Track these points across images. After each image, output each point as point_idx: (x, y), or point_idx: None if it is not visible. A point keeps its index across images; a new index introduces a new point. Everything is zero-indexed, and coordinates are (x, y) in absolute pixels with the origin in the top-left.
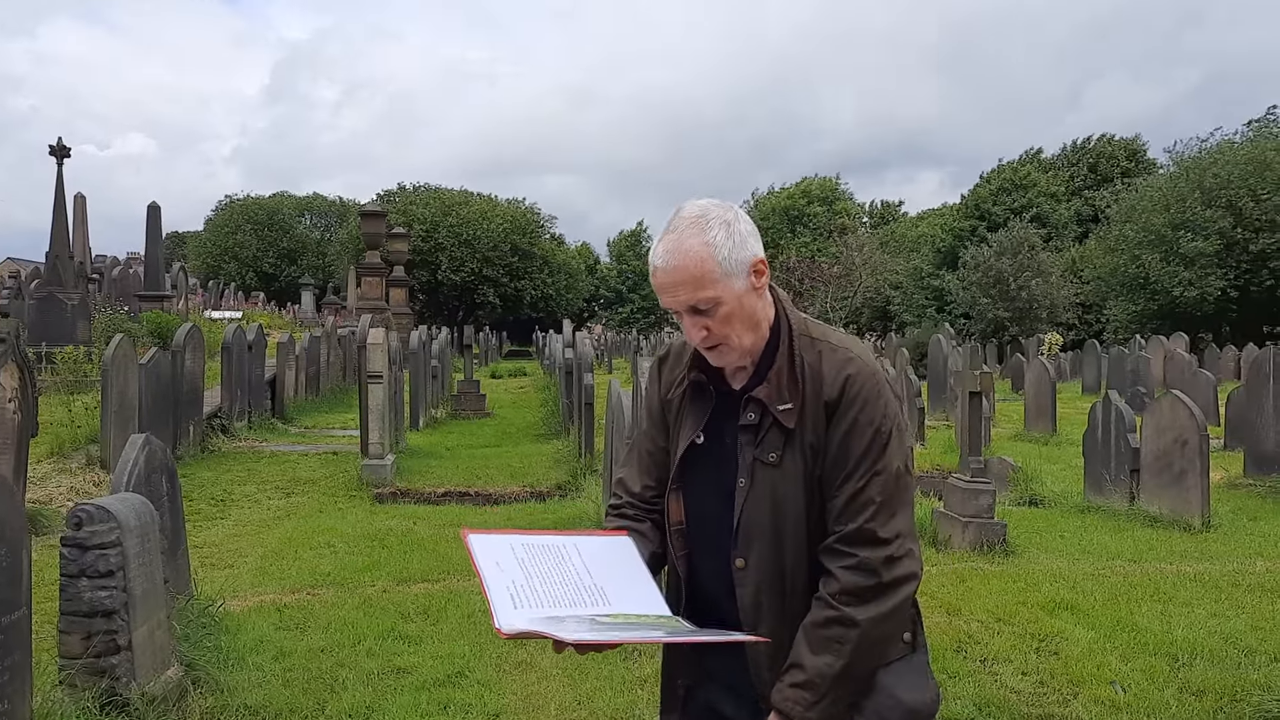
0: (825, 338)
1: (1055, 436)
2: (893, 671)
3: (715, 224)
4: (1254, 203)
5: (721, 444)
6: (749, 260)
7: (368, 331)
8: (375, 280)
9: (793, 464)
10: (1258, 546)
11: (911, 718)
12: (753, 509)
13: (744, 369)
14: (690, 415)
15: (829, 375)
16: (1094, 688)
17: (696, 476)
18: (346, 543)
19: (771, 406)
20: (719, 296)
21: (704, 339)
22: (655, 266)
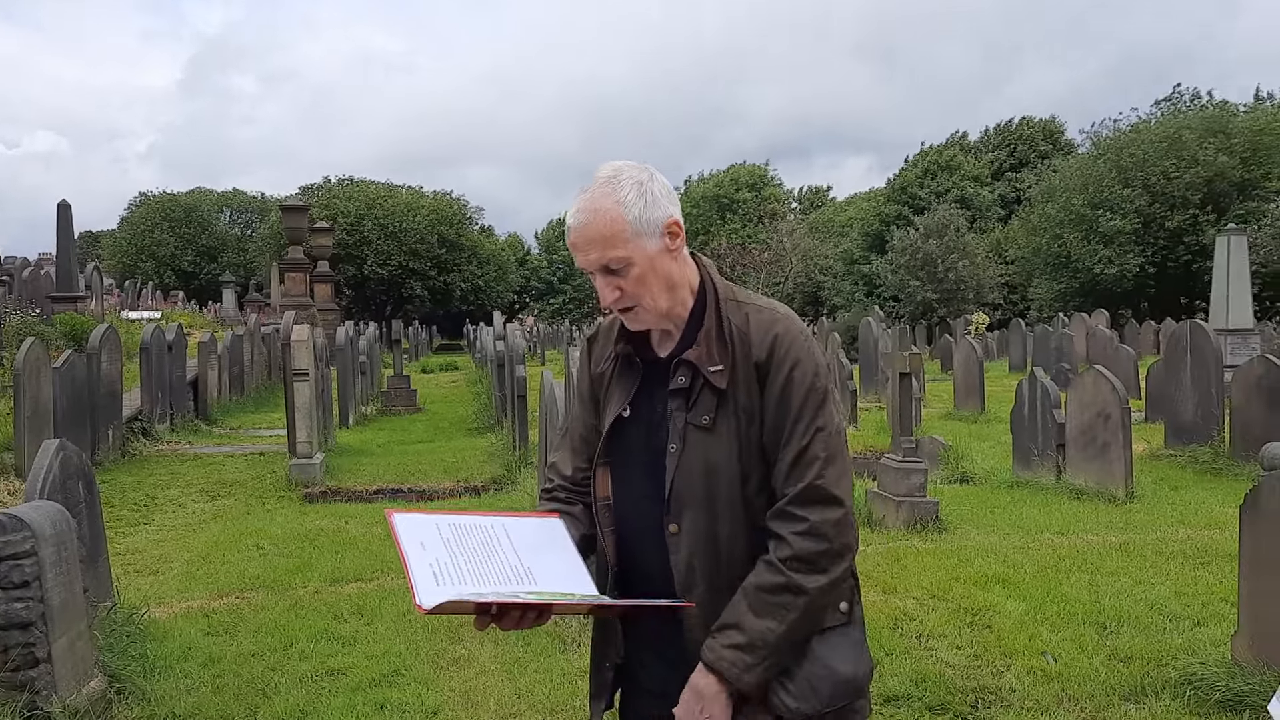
0: (751, 301)
1: (984, 414)
2: (827, 641)
3: (628, 184)
4: (1167, 181)
5: (651, 413)
6: (662, 221)
7: (292, 328)
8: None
9: (725, 427)
10: (1179, 515)
11: (843, 688)
12: (685, 473)
13: (670, 335)
14: (618, 389)
15: (756, 336)
16: (1026, 658)
17: (624, 449)
18: (276, 544)
19: (703, 368)
20: (630, 256)
21: (616, 300)
22: (569, 226)
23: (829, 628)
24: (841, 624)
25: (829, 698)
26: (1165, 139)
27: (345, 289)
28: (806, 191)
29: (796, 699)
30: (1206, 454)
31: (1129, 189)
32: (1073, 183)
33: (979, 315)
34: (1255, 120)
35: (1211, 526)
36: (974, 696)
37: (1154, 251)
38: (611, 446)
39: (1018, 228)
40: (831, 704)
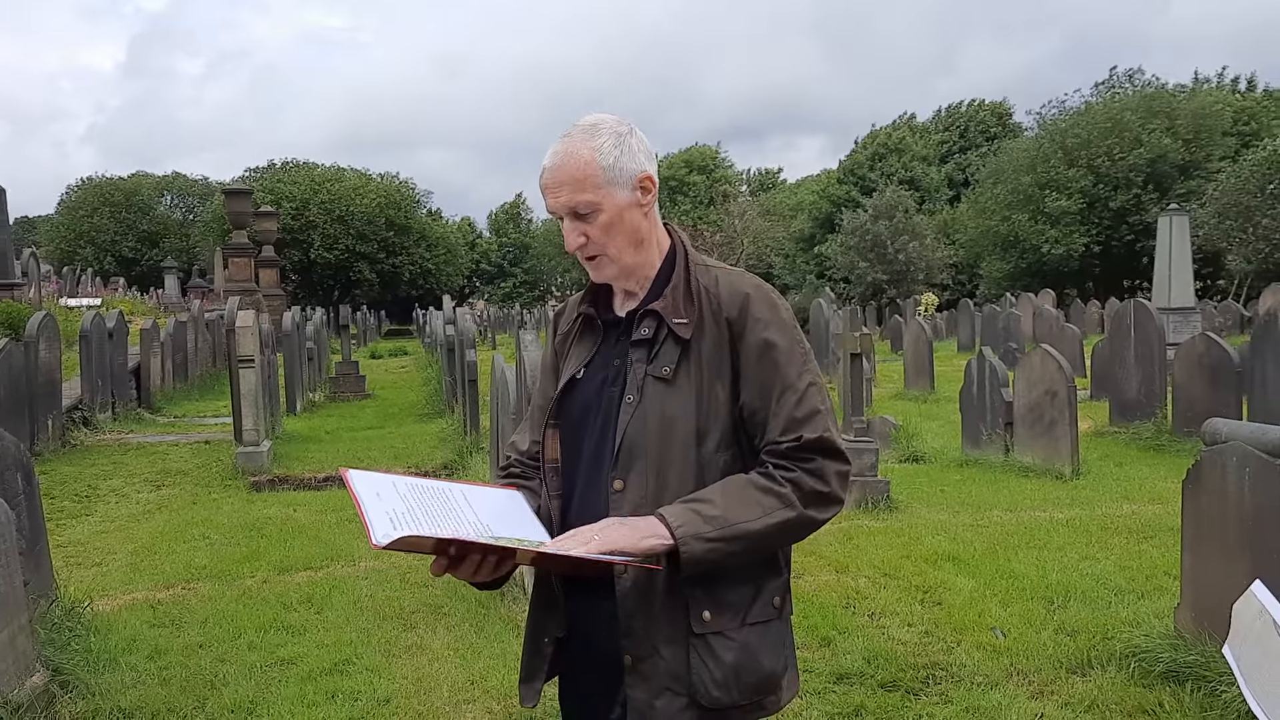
0: (721, 265)
1: (934, 394)
2: (757, 632)
3: (606, 133)
4: (1111, 162)
5: (606, 372)
6: (636, 173)
7: (237, 314)
8: (243, 261)
9: (686, 380)
10: (1124, 491)
11: (763, 683)
12: (638, 426)
13: (633, 296)
14: (576, 353)
15: (726, 296)
16: (976, 634)
17: (575, 410)
18: (223, 534)
19: (668, 318)
20: (599, 202)
21: (581, 246)
22: (543, 167)
23: (759, 621)
24: (772, 619)
25: (750, 690)
26: (1108, 120)
27: (291, 274)
28: (757, 174)
29: (720, 688)
30: (1150, 430)
31: (1074, 169)
32: (1020, 164)
33: (928, 296)
34: (1197, 102)
35: (1154, 501)
36: (925, 673)
37: (1099, 231)
38: (562, 408)
39: (966, 209)
40: (750, 697)
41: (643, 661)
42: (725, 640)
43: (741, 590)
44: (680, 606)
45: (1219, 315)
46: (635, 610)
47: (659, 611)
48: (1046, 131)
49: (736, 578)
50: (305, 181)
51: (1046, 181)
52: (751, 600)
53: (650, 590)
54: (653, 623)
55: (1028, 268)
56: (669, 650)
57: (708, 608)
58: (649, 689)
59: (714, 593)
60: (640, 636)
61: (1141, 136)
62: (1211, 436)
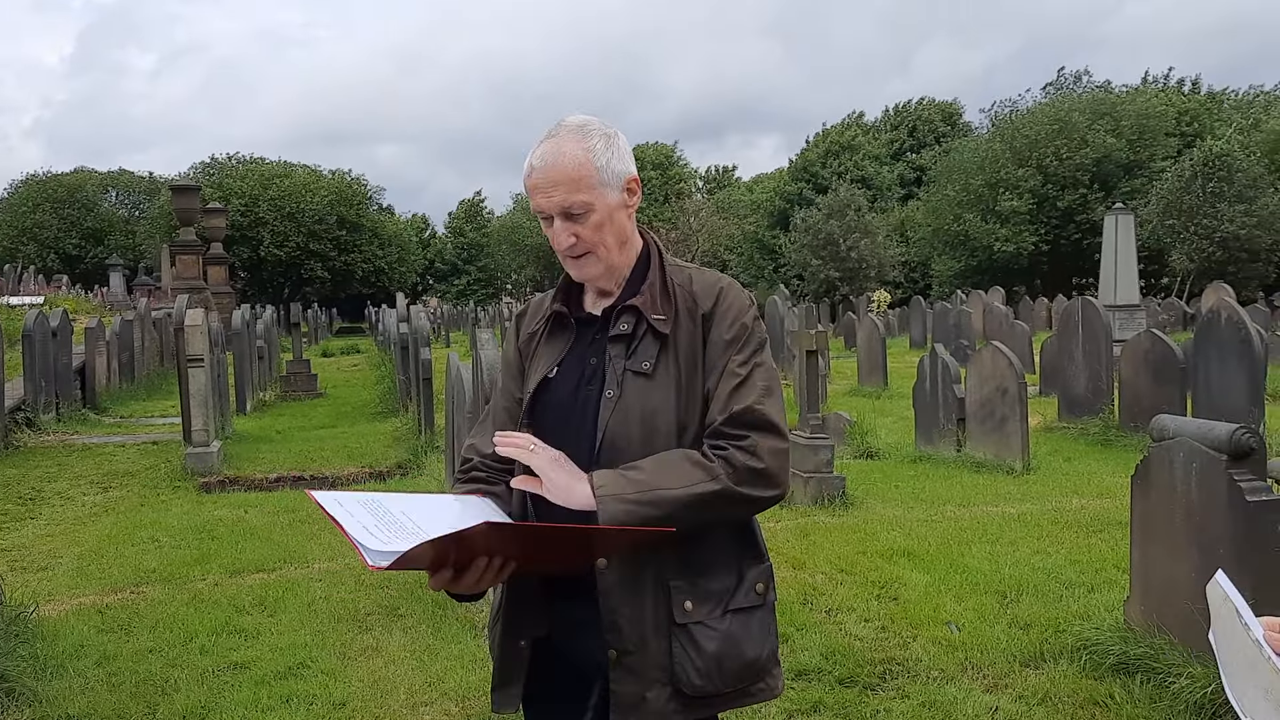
0: (693, 266)
1: (887, 390)
2: (740, 620)
3: (596, 134)
4: (1059, 162)
5: (582, 370)
6: (625, 175)
7: (185, 312)
8: (191, 259)
9: (665, 374)
10: (1073, 485)
11: (747, 670)
12: (619, 421)
13: (607, 294)
14: (546, 351)
15: (702, 291)
16: (931, 629)
17: (550, 410)
18: (172, 536)
19: (647, 313)
20: (592, 203)
21: (572, 246)
22: (532, 166)
23: (742, 609)
24: (756, 605)
25: (734, 678)
26: (1056, 121)
27: (240, 271)
28: (712, 171)
29: (703, 677)
30: (1097, 426)
31: (1024, 170)
32: (971, 164)
33: (881, 293)
34: (1142, 104)
35: (1103, 496)
36: (882, 668)
37: (1047, 230)
38: (536, 409)
39: (919, 208)
40: (734, 684)
41: (629, 655)
42: (706, 629)
43: (724, 579)
44: (664, 597)
45: (1163, 312)
46: (620, 605)
47: (646, 603)
48: (997, 132)
49: (719, 567)
50: (254, 178)
51: (997, 181)
52: (734, 589)
53: (635, 583)
54: (639, 615)
55: (978, 266)
56: (656, 642)
57: (689, 598)
58: (638, 683)
59: (696, 583)
60: (626, 631)
61: (1088, 137)
62: (1159, 433)
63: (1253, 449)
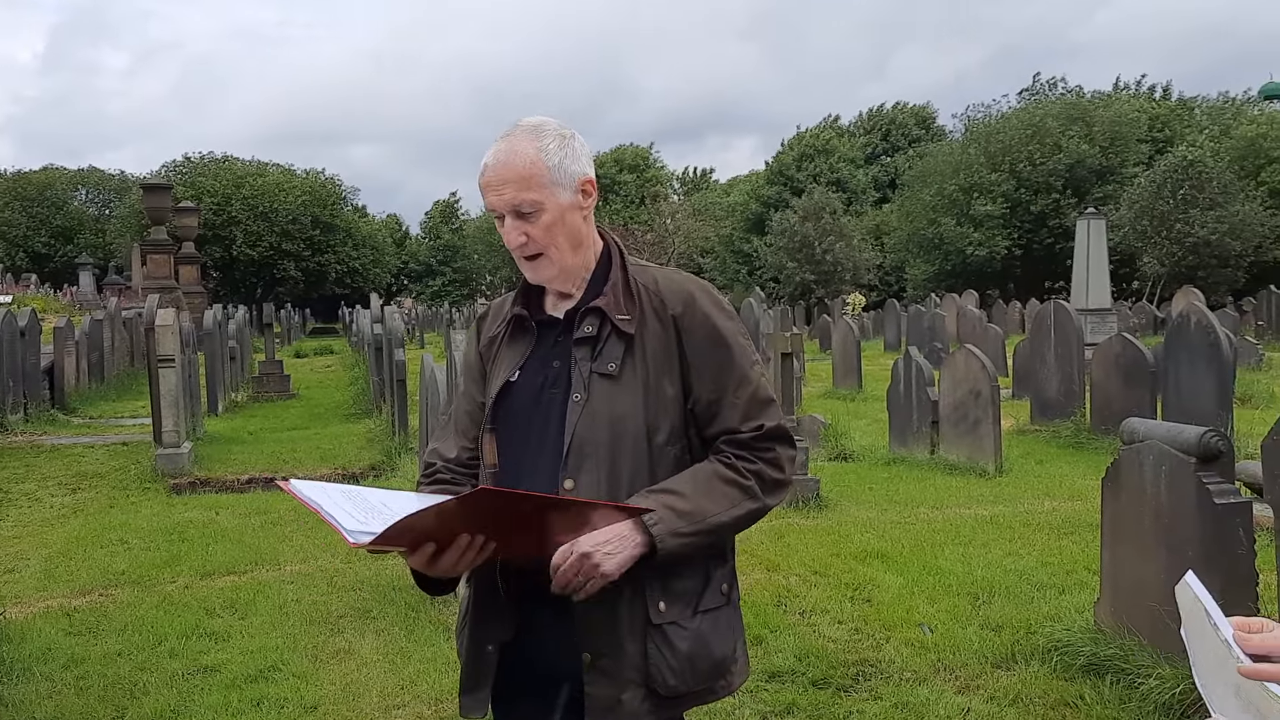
0: (656, 266)
1: (861, 392)
2: (709, 620)
3: (551, 134)
4: (1032, 167)
5: (545, 373)
6: (579, 176)
7: (156, 312)
8: (162, 258)
9: (632, 376)
10: (1045, 488)
11: (716, 668)
12: (587, 424)
13: (568, 297)
14: (508, 355)
15: (669, 293)
16: (904, 630)
17: (514, 413)
18: (142, 538)
19: (611, 315)
20: (543, 202)
21: (523, 245)
22: (486, 165)
23: (710, 609)
24: (722, 605)
25: (703, 677)
26: (1030, 126)
27: (213, 271)
28: (689, 174)
29: (677, 676)
30: (1069, 429)
31: (997, 174)
32: (945, 168)
33: (855, 296)
34: (1114, 110)
35: (1074, 498)
36: (855, 670)
37: (1020, 234)
38: (498, 412)
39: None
40: (703, 683)
41: (604, 658)
42: (679, 630)
43: (693, 580)
44: (639, 599)
45: (1134, 316)
46: (593, 607)
47: (620, 605)
48: (972, 136)
49: (687, 568)
50: (227, 177)
51: (971, 185)
52: (702, 589)
53: (610, 586)
54: (614, 617)
55: (952, 269)
56: (632, 644)
57: (662, 599)
58: (613, 685)
59: (668, 584)
60: (602, 633)
61: (1061, 142)
62: (1129, 436)
63: (1221, 452)
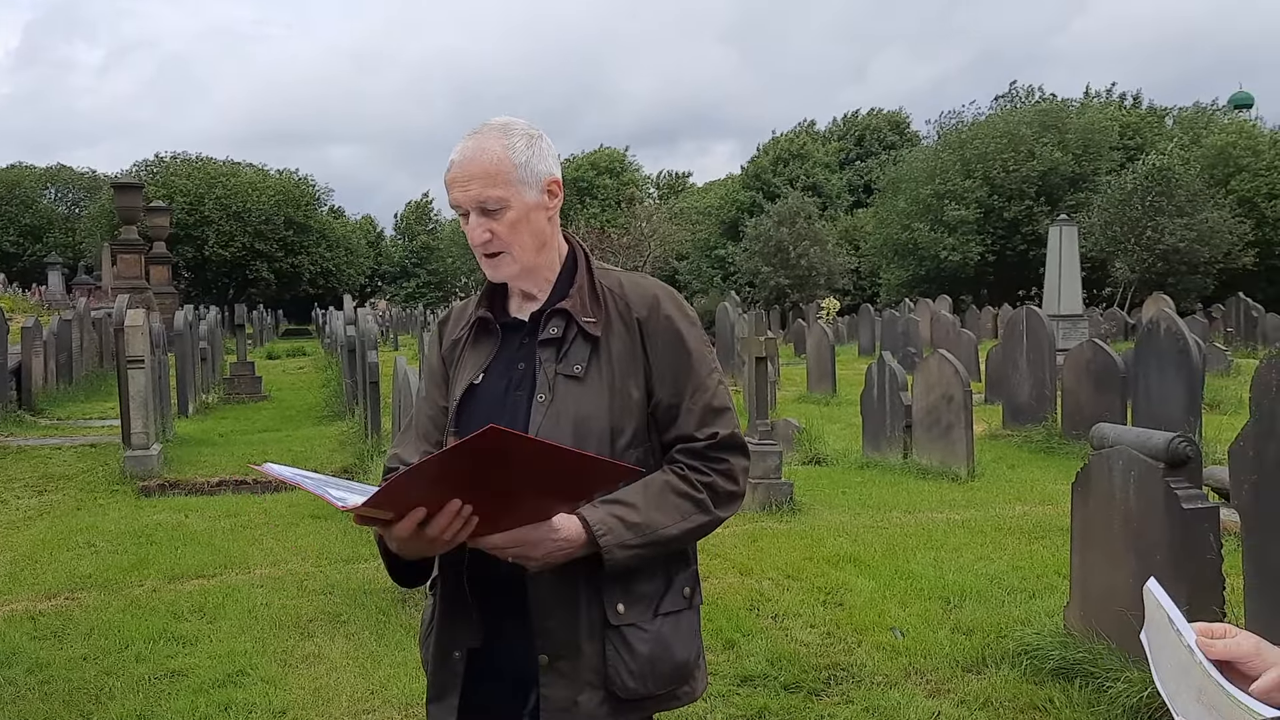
0: (621, 270)
1: (836, 397)
2: (670, 623)
3: (519, 133)
4: (1006, 173)
5: (509, 375)
6: (545, 175)
7: (126, 313)
8: (133, 258)
9: (597, 378)
10: (1016, 492)
11: (677, 672)
12: (552, 425)
13: (532, 298)
14: (471, 359)
15: (635, 297)
16: (876, 634)
17: (477, 416)
18: (109, 541)
19: (577, 317)
20: (508, 199)
21: (486, 242)
22: (452, 161)
23: (671, 612)
24: (683, 609)
25: (664, 680)
26: (1004, 134)
27: (184, 271)
28: (666, 177)
29: (636, 679)
30: (1040, 434)
31: (971, 180)
32: (920, 174)
33: (830, 300)
34: (1087, 118)
35: (1045, 503)
36: (827, 674)
37: (993, 240)
38: (462, 416)
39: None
40: (665, 686)
41: (561, 659)
42: (639, 632)
43: (654, 582)
44: (596, 600)
45: (1105, 322)
46: (552, 609)
47: (579, 606)
48: (946, 143)
49: (648, 570)
50: (199, 176)
51: (945, 192)
52: (663, 592)
53: (567, 585)
54: (572, 618)
55: (926, 274)
56: (589, 645)
57: (621, 600)
58: (570, 686)
59: (628, 586)
60: (558, 635)
61: (1035, 149)
62: (1099, 441)
63: (1189, 457)
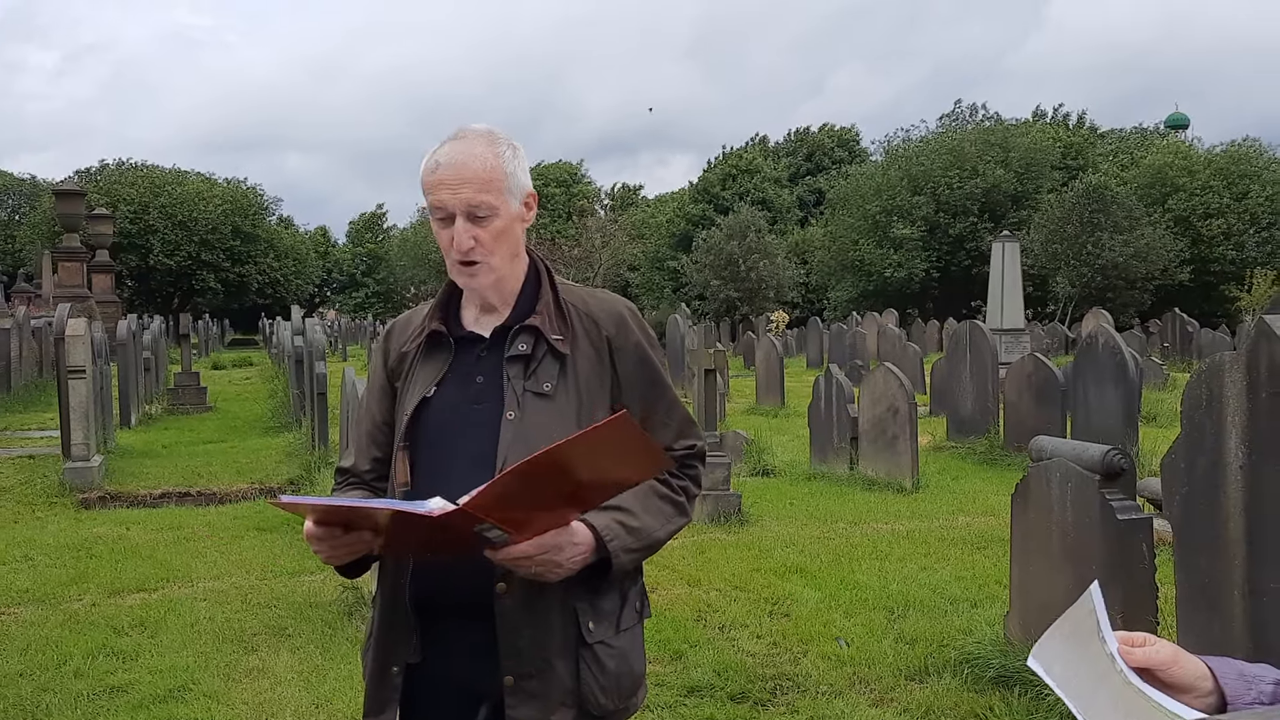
0: (583, 287)
1: (784, 409)
2: (628, 637)
3: (504, 143)
4: (950, 191)
5: (465, 390)
6: (526, 189)
7: (67, 321)
8: (75, 266)
9: (566, 395)
10: (959, 504)
11: (635, 685)
12: (521, 442)
13: (492, 310)
14: (423, 372)
15: (602, 314)
16: (821, 644)
17: (431, 430)
18: (47, 554)
19: (546, 334)
20: (498, 207)
21: (471, 249)
22: (438, 163)
23: (628, 627)
24: (636, 624)
25: (626, 694)
26: (949, 152)
27: (128, 280)
28: (619, 189)
29: (607, 696)
30: (983, 445)
31: (918, 197)
32: (867, 191)
33: (779, 313)
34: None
35: (987, 514)
36: (773, 684)
37: (939, 256)
38: (415, 430)
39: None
40: (625, 701)
41: (530, 679)
42: (608, 648)
43: (614, 598)
44: (571, 618)
45: (1046, 337)
46: (521, 627)
47: (551, 625)
48: (894, 160)
49: (608, 587)
50: (144, 184)
51: (892, 208)
52: (621, 607)
53: (538, 604)
54: (544, 637)
55: (873, 289)
56: (562, 664)
57: (591, 618)
58: (541, 706)
59: (595, 602)
60: (527, 654)
61: (979, 168)
62: (1037, 453)
63: (1123, 470)
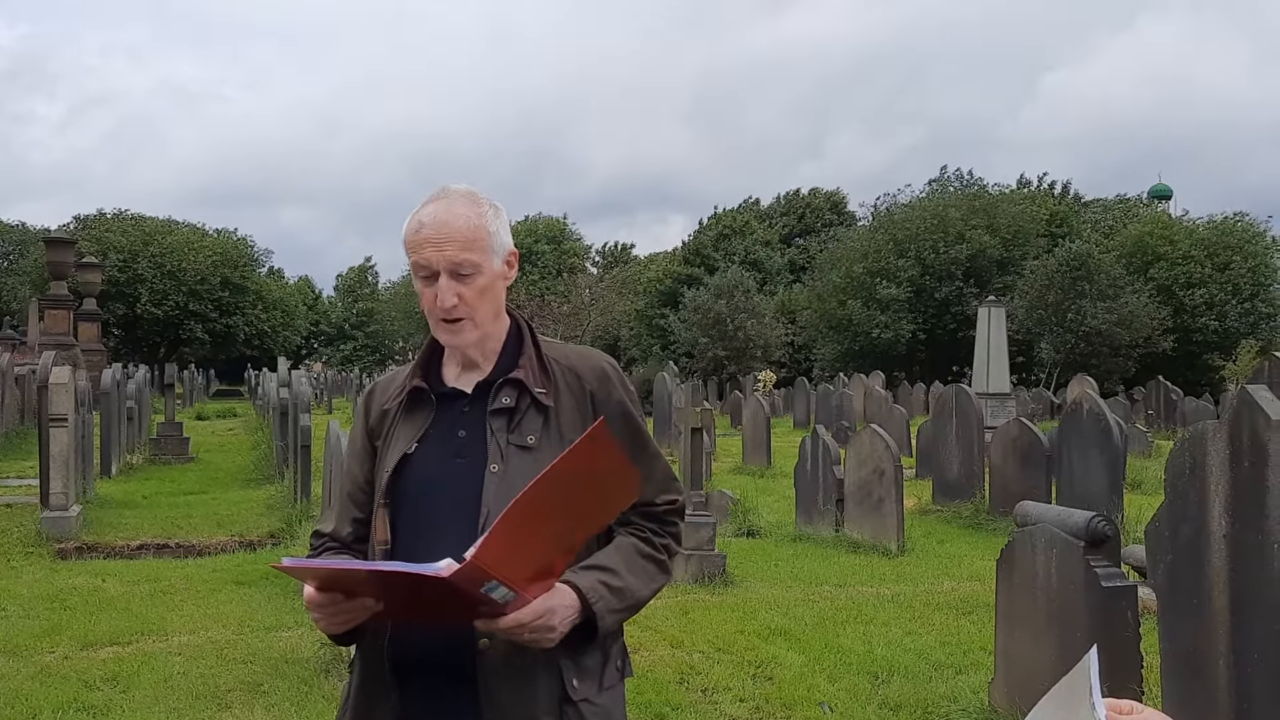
0: (564, 343)
1: (770, 469)
2: (611, 696)
3: (485, 203)
4: (936, 254)
5: (447, 445)
6: (508, 247)
7: (51, 369)
8: (61, 314)
9: (549, 448)
10: (945, 568)
11: None
12: (505, 496)
13: (474, 366)
14: (404, 429)
15: (585, 370)
16: (805, 709)
17: (412, 487)
18: (21, 605)
19: (530, 387)
20: (481, 265)
21: (454, 307)
22: (422, 223)
23: (611, 686)
24: (618, 682)
25: None
26: (934, 216)
27: (115, 329)
28: (610, 248)
29: None
30: (969, 509)
31: (904, 260)
32: (855, 252)
33: (766, 373)
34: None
35: (973, 579)
36: None
37: (925, 319)
38: (395, 487)
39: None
40: None
41: None
42: (591, 706)
43: (596, 655)
44: (555, 675)
45: (1032, 402)
46: (503, 684)
47: (536, 682)
48: (880, 223)
49: (591, 645)
50: (134, 233)
51: (878, 270)
52: (604, 665)
53: (521, 661)
54: (527, 693)
55: (860, 350)
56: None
57: (575, 675)
58: None
59: (577, 660)
60: (510, 711)
61: (964, 233)
62: (1022, 519)
63: (1108, 536)
